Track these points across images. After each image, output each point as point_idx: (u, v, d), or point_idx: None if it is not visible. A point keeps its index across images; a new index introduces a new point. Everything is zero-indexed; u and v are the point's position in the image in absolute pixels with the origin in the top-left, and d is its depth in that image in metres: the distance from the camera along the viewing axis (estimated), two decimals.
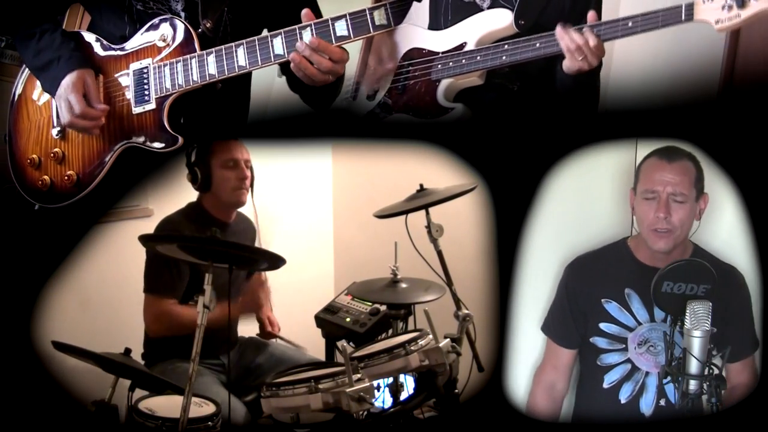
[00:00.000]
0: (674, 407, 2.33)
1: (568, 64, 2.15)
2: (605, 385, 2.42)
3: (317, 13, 2.20)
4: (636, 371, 2.40)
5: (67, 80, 2.22)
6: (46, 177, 2.34)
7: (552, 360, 2.47)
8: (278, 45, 2.13)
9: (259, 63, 2.15)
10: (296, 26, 2.12)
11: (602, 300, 2.41)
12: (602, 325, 2.41)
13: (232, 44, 2.16)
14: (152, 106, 2.23)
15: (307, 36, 2.10)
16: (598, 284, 2.42)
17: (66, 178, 2.32)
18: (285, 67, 2.29)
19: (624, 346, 2.40)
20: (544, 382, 2.48)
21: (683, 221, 2.34)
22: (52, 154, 2.34)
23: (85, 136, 2.29)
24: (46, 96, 2.34)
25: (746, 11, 1.98)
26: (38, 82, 2.34)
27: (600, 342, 2.42)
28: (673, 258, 2.37)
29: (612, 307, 2.40)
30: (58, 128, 2.33)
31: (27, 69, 2.38)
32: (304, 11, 2.13)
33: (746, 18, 1.99)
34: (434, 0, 2.37)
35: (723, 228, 2.42)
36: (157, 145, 2.24)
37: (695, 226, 2.38)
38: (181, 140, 2.21)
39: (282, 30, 2.12)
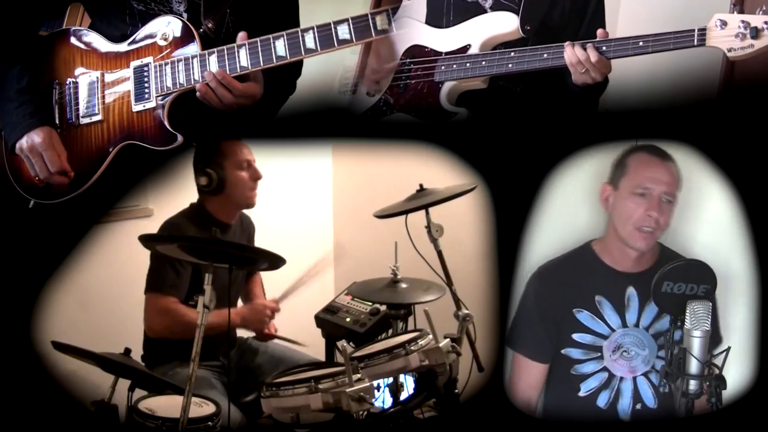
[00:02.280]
0: (651, 410, 2.33)
1: (574, 77, 2.16)
2: (581, 394, 2.39)
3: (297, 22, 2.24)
4: (612, 378, 2.37)
5: (39, 136, 2.22)
6: None
7: (525, 378, 2.41)
8: (280, 47, 2.13)
9: (261, 64, 2.15)
10: (298, 29, 2.12)
11: (573, 310, 2.37)
12: (575, 336, 2.37)
13: (234, 44, 2.16)
14: (152, 104, 2.23)
15: (309, 40, 2.10)
16: (568, 293, 2.39)
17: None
18: None
19: (599, 354, 2.37)
20: (519, 401, 2.41)
21: (668, 222, 2.34)
22: None
23: (84, 131, 2.29)
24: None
25: (760, 42, 1.98)
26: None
27: (574, 353, 2.38)
28: (644, 260, 2.36)
29: (584, 317, 2.37)
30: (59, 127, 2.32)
31: None
32: None
33: (759, 48, 1.99)
34: None
35: (722, 228, 2.42)
36: (156, 143, 2.24)
37: None
38: (180, 139, 2.21)
39: (284, 32, 2.13)
